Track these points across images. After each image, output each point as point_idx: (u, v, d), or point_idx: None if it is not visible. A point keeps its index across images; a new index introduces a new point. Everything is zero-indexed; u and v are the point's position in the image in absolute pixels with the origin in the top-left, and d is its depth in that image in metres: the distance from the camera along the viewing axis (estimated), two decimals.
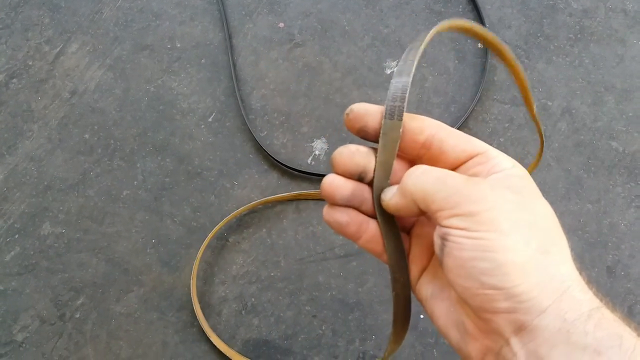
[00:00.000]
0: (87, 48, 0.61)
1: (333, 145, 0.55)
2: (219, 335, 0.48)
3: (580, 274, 0.24)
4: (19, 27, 0.62)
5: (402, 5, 0.61)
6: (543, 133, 0.35)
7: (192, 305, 0.49)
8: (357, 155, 0.27)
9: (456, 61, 0.58)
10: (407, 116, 0.27)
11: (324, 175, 0.53)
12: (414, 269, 0.29)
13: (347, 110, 0.27)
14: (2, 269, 0.51)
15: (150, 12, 0.62)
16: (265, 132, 0.56)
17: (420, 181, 0.25)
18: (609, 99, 0.56)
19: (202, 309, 0.49)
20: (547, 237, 0.24)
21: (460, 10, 0.60)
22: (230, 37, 0.60)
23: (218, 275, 0.51)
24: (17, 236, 0.53)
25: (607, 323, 0.22)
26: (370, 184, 0.28)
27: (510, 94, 0.56)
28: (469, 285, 0.23)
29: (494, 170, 0.26)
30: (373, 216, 0.29)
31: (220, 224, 0.51)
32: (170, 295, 0.50)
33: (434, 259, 0.29)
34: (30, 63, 0.60)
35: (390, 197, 0.27)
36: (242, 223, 0.53)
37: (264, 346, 0.48)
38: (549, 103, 0.56)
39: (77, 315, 0.50)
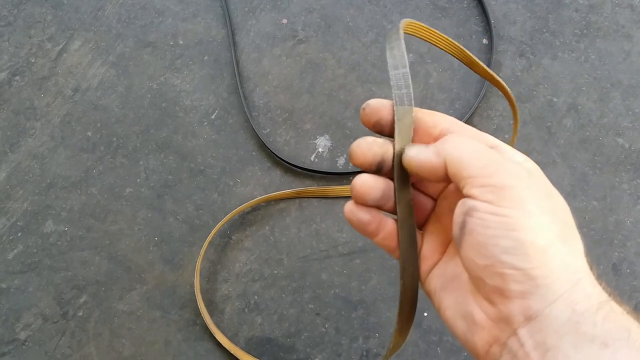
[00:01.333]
0: (90, 45, 0.61)
1: (336, 142, 0.55)
2: (222, 333, 0.48)
3: (591, 268, 0.25)
4: (22, 24, 0.62)
5: (406, 0, 0.60)
6: (511, 95, 0.36)
7: (194, 303, 0.49)
8: (374, 145, 0.28)
9: None
10: (421, 111, 0.28)
11: (327, 173, 0.53)
12: (425, 265, 0.29)
13: (364, 105, 0.28)
14: (5, 267, 0.52)
15: (152, 9, 0.62)
16: (268, 129, 0.56)
17: (461, 146, 0.25)
18: (615, 95, 0.55)
19: (205, 307, 0.49)
20: (565, 228, 0.25)
21: (464, 5, 0.60)
22: (233, 34, 0.60)
23: (221, 273, 0.51)
24: (20, 234, 0.53)
25: (616, 316, 0.23)
26: (388, 174, 0.28)
27: (515, 91, 0.56)
28: (488, 264, 0.24)
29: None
30: (392, 212, 0.29)
31: (223, 221, 0.51)
32: (173, 293, 0.50)
33: (445, 254, 0.29)
34: (33, 60, 0.60)
35: (417, 153, 0.27)
36: (245, 221, 0.53)
37: (267, 344, 0.48)
38: (555, 99, 0.55)
39: (80, 314, 0.50)
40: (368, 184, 0.28)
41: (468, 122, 0.54)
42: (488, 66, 0.56)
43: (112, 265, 0.51)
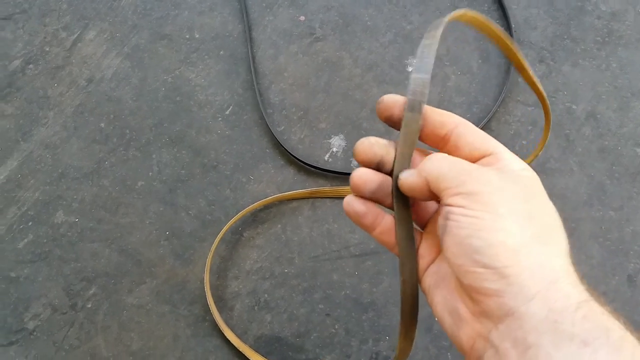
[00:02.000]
0: (105, 35, 0.62)
1: (351, 143, 0.56)
2: (231, 330, 0.50)
3: (575, 270, 0.26)
4: (37, 12, 0.63)
5: (426, 1, 0.61)
6: (548, 105, 0.37)
7: (204, 299, 0.50)
8: (376, 146, 0.31)
9: (480, 60, 0.58)
10: (432, 110, 0.30)
11: (341, 173, 0.54)
12: (422, 262, 0.32)
13: (379, 100, 0.31)
14: (15, 256, 0.53)
15: (169, 1, 0.63)
16: (283, 127, 0.57)
17: (437, 164, 0.29)
18: (636, 105, 0.56)
19: (214, 303, 0.50)
20: (544, 230, 0.27)
21: (485, 9, 0.61)
22: (250, 29, 0.61)
23: (231, 270, 0.52)
24: (30, 223, 0.54)
25: (595, 316, 0.24)
26: (389, 173, 0.31)
27: (534, 96, 0.57)
28: (462, 263, 0.26)
29: (502, 170, 0.29)
30: (392, 208, 0.31)
31: (235, 218, 0.52)
32: (182, 289, 0.51)
33: (441, 253, 0.31)
34: (47, 49, 0.61)
35: (407, 176, 0.30)
36: (257, 218, 0.54)
37: (276, 343, 0.50)
38: (574, 107, 0.56)
39: (89, 305, 0.51)
40: (365, 176, 0.31)
41: (486, 127, 0.55)
42: (507, 71, 0.57)
43: (123, 258, 0.52)
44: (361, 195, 0.31)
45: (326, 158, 0.56)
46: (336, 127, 0.57)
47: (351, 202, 0.32)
